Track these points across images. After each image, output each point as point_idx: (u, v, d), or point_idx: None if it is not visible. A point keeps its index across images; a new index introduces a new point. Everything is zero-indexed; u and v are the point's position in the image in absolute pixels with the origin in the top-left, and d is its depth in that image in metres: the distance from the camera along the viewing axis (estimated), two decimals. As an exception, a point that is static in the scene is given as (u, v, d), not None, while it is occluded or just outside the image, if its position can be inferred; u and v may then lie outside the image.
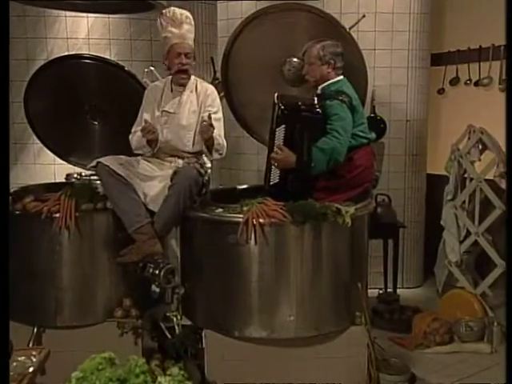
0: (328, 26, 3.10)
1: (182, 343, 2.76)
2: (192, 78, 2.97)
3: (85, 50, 3.69)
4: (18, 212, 2.74)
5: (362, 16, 3.41)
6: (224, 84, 3.40)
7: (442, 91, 4.60)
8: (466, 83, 4.42)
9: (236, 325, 2.65)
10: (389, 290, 3.82)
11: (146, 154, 2.92)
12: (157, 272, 2.64)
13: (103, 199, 2.77)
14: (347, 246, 2.70)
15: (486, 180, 3.61)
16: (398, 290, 3.85)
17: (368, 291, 2.93)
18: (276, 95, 2.85)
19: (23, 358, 2.10)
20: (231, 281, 2.63)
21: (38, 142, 3.53)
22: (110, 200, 2.75)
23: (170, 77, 2.95)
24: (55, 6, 3.54)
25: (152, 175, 2.82)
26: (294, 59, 3.22)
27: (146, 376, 2.13)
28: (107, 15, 3.72)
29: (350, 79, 3.01)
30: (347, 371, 2.68)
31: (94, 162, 2.78)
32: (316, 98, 2.91)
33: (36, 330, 2.78)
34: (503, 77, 4.07)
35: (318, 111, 2.82)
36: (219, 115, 2.95)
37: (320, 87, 2.99)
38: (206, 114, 2.79)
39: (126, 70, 3.28)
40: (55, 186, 3.10)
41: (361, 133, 2.93)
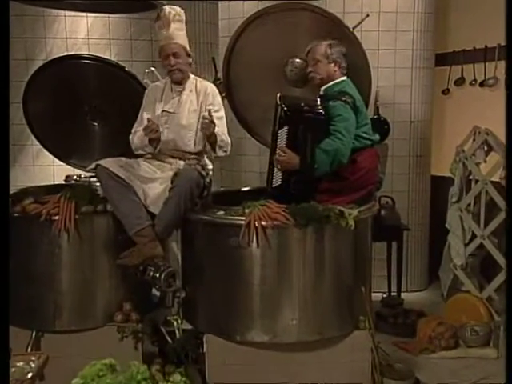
0: (331, 25, 3.10)
1: (182, 348, 2.76)
2: (192, 77, 2.98)
3: (84, 50, 3.69)
4: (16, 214, 2.75)
5: (366, 15, 3.41)
6: (225, 84, 3.40)
7: (446, 92, 4.59)
8: (471, 84, 4.41)
9: (237, 329, 2.65)
10: (393, 293, 3.82)
11: (148, 153, 2.93)
12: (157, 275, 2.65)
13: (103, 201, 2.78)
14: (350, 249, 2.70)
15: (492, 182, 3.61)
16: (402, 294, 3.85)
17: (371, 295, 2.93)
18: (278, 96, 2.85)
19: (22, 363, 2.10)
20: (233, 284, 2.63)
21: (37, 143, 3.53)
22: (110, 203, 2.75)
23: None
24: (54, 5, 3.54)
25: (153, 177, 2.82)
26: (297, 60, 3.22)
27: (148, 383, 2.13)
28: (107, 15, 3.72)
29: (354, 80, 3.01)
30: (351, 376, 2.68)
31: (93, 165, 2.78)
32: (319, 99, 2.92)
33: (34, 334, 2.78)
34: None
35: (321, 112, 2.83)
36: (221, 113, 2.96)
37: (323, 88, 3.00)
38: (206, 113, 2.80)
39: (127, 70, 3.29)
40: (54, 188, 3.11)
41: (364, 134, 2.93)
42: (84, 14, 3.71)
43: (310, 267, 2.60)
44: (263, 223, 2.54)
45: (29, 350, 2.71)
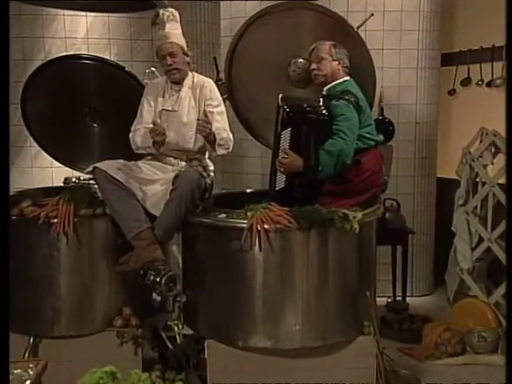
0: (335, 25, 3.11)
1: (183, 353, 2.76)
2: (189, 73, 2.98)
3: (84, 50, 3.70)
4: (14, 217, 2.75)
5: (371, 15, 3.41)
6: (227, 85, 3.40)
7: (452, 92, 4.59)
8: (477, 84, 4.42)
9: (239, 334, 2.65)
10: (398, 298, 3.81)
11: (149, 153, 2.93)
12: (158, 279, 2.65)
13: (102, 204, 2.79)
14: (355, 253, 2.70)
15: (499, 184, 3.60)
16: (408, 299, 3.84)
17: (376, 299, 2.93)
18: (280, 97, 2.85)
19: (19, 370, 2.09)
20: (235, 289, 2.63)
21: (35, 144, 3.54)
22: (108, 206, 2.76)
23: None
24: (53, 4, 3.55)
25: (153, 178, 2.82)
26: (300, 60, 3.22)
27: (149, 390, 2.13)
28: (107, 14, 3.73)
29: (358, 80, 3.01)
30: (355, 383, 2.67)
31: (90, 167, 2.79)
32: (321, 99, 2.92)
33: (32, 340, 2.78)
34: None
35: (324, 113, 2.83)
36: (221, 108, 2.96)
37: (325, 88, 3.01)
38: (202, 115, 2.80)
39: (127, 70, 3.29)
40: (53, 191, 3.12)
41: (368, 134, 2.93)
42: (83, 13, 3.71)
43: (314, 271, 2.60)
44: (266, 226, 2.54)
45: (26, 357, 2.71)
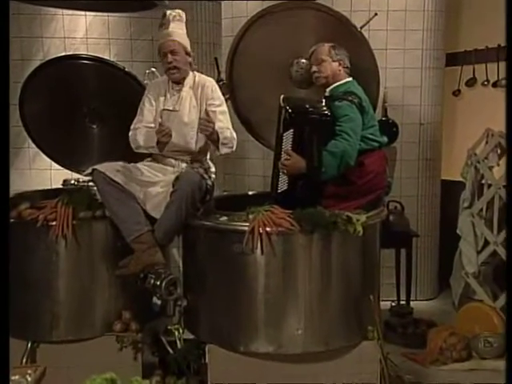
0: (338, 25, 3.12)
1: (184, 358, 2.76)
2: (191, 73, 2.99)
3: (83, 50, 3.71)
4: (12, 220, 2.74)
5: (374, 14, 3.42)
6: (229, 86, 3.41)
7: (457, 93, 4.59)
8: (483, 84, 4.42)
9: (241, 339, 2.65)
10: (402, 302, 3.81)
11: (150, 153, 2.93)
12: (158, 283, 2.65)
13: (102, 207, 2.79)
14: (358, 256, 2.70)
15: (505, 186, 3.60)
16: (412, 303, 3.84)
17: (380, 304, 2.92)
18: (282, 97, 2.86)
19: (17, 376, 2.09)
20: (236, 292, 2.63)
21: (34, 146, 3.55)
22: (108, 208, 2.76)
23: None
24: (52, 3, 3.55)
25: (153, 180, 2.83)
26: (302, 60, 3.23)
27: (150, 398, 2.12)
28: (106, 13, 3.74)
29: (361, 80, 3.02)
30: (358, 389, 2.68)
31: (89, 170, 2.79)
32: (324, 100, 2.92)
33: (30, 345, 2.77)
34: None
35: (326, 113, 2.84)
36: (223, 108, 2.97)
37: (328, 89, 3.02)
38: (204, 113, 2.80)
39: (127, 71, 3.30)
40: (52, 193, 3.13)
41: (371, 136, 2.94)
42: (82, 12, 3.72)
43: (317, 275, 2.60)
44: (268, 229, 2.54)
45: (24, 362, 2.71)
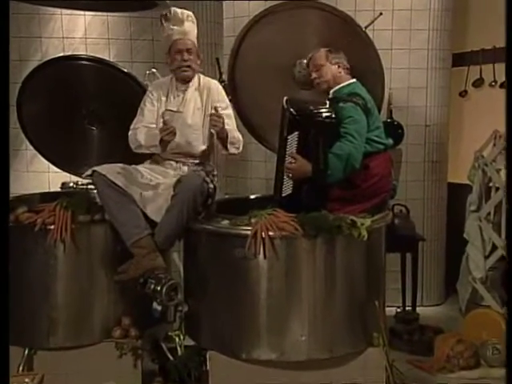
0: (342, 24, 3.12)
1: (184, 365, 2.76)
2: (196, 75, 3.01)
3: (82, 51, 3.73)
4: (9, 224, 2.75)
5: (379, 14, 3.43)
6: (230, 87, 3.42)
7: (464, 94, 4.60)
8: (491, 85, 4.42)
9: (243, 346, 2.65)
10: (407, 308, 3.81)
11: (151, 153, 2.94)
12: (158, 288, 2.65)
13: (101, 210, 2.79)
14: (363, 261, 2.70)
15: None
16: (418, 309, 3.83)
17: (385, 309, 2.92)
18: (285, 99, 2.86)
19: (15, 385, 2.10)
20: (238, 298, 2.64)
21: (32, 148, 3.56)
22: (107, 211, 2.76)
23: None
24: (50, 3, 3.57)
25: (154, 183, 2.83)
26: (305, 61, 3.23)
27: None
28: (106, 13, 3.76)
29: (366, 81, 3.02)
30: (363, 397, 2.68)
31: (89, 171, 2.80)
32: (328, 102, 2.93)
33: (27, 352, 2.77)
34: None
35: (331, 115, 2.84)
36: (229, 111, 3.00)
37: (332, 91, 3.02)
38: (213, 109, 2.82)
39: (126, 71, 3.31)
40: (50, 196, 3.13)
41: (376, 138, 2.94)
42: (82, 12, 3.74)
43: (320, 280, 2.60)
44: (271, 233, 2.54)
45: (20, 370, 2.71)
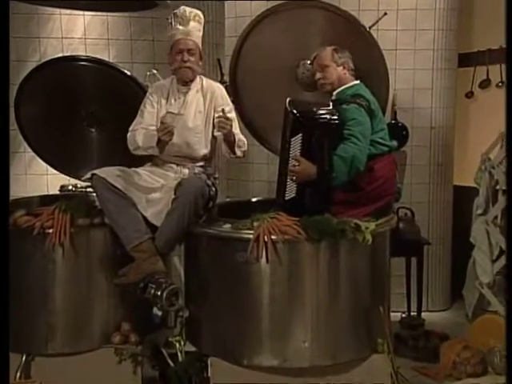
0: (345, 24, 3.13)
1: (185, 372, 2.75)
2: (198, 77, 3.01)
3: (81, 51, 3.74)
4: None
5: (384, 14, 3.43)
6: (232, 88, 3.42)
7: (470, 95, 4.59)
8: (497, 86, 4.41)
9: (245, 352, 2.65)
10: (413, 313, 3.80)
11: (149, 155, 2.94)
12: (159, 293, 2.65)
13: (101, 213, 2.80)
14: (367, 266, 2.70)
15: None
16: (423, 314, 3.83)
17: (390, 315, 2.92)
18: (288, 101, 2.86)
19: (12, 392, 2.10)
20: (240, 303, 2.64)
21: (30, 150, 3.57)
22: (107, 215, 2.77)
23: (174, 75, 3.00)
24: (49, 3, 3.58)
25: (154, 186, 2.84)
26: (309, 61, 3.24)
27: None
28: (106, 13, 3.76)
29: (370, 82, 3.03)
30: (368, 404, 2.67)
31: (88, 174, 2.81)
32: (331, 104, 2.93)
33: (24, 358, 2.77)
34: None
35: (335, 117, 2.84)
36: (233, 114, 3.01)
37: (335, 92, 3.03)
38: (220, 111, 2.82)
39: (126, 72, 3.31)
40: (48, 199, 3.14)
41: (380, 140, 2.95)
42: (81, 12, 3.75)
43: (324, 285, 2.60)
44: (273, 237, 2.54)
45: (17, 377, 2.71)
